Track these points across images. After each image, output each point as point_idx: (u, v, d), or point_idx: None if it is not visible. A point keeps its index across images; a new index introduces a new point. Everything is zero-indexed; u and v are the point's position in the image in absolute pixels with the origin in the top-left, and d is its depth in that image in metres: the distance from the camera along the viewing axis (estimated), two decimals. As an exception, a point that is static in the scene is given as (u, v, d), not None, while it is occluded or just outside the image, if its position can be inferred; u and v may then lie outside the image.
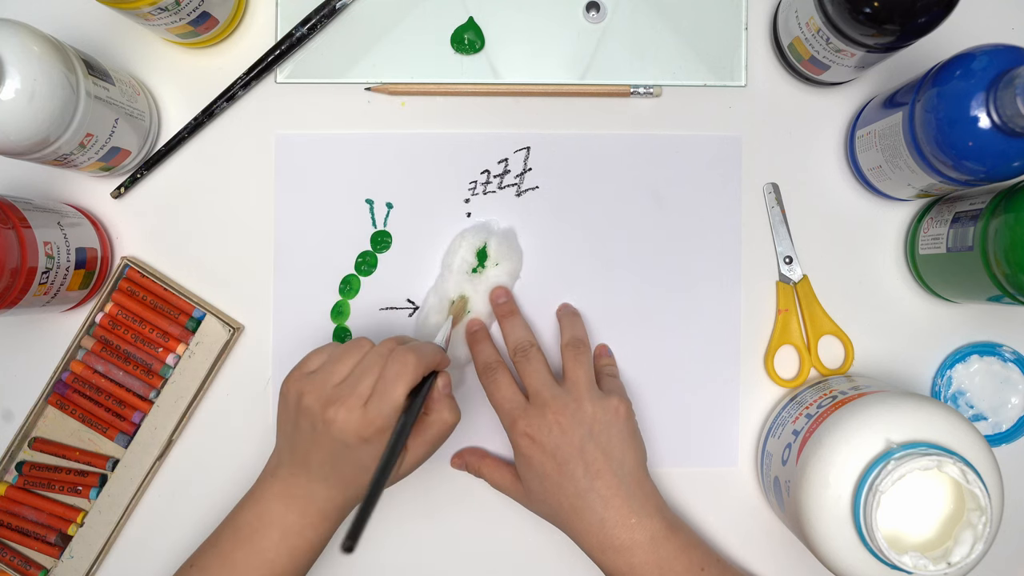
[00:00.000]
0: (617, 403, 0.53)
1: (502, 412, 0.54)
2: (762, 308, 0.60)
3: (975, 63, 0.46)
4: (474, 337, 0.58)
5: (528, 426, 0.52)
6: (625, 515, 0.51)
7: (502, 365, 0.55)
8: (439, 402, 0.50)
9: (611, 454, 0.51)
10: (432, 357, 0.49)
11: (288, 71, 0.60)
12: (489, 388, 0.55)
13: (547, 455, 0.51)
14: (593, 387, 0.54)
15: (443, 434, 0.50)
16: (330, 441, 0.47)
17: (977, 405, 0.59)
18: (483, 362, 0.56)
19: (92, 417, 0.58)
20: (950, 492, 0.46)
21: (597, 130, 0.60)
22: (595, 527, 0.51)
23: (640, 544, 0.50)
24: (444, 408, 0.50)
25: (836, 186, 0.60)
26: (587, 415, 0.52)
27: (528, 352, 0.55)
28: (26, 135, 0.47)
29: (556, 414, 0.52)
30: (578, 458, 0.51)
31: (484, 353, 0.56)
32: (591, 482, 0.51)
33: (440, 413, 0.50)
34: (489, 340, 0.57)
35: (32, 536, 0.58)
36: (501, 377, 0.55)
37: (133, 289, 0.58)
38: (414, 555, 0.59)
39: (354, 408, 0.46)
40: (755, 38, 0.60)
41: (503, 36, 0.60)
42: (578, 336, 0.56)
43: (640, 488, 0.52)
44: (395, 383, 0.46)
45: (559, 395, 0.53)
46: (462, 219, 0.60)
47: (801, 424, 0.52)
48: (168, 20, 0.52)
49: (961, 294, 0.56)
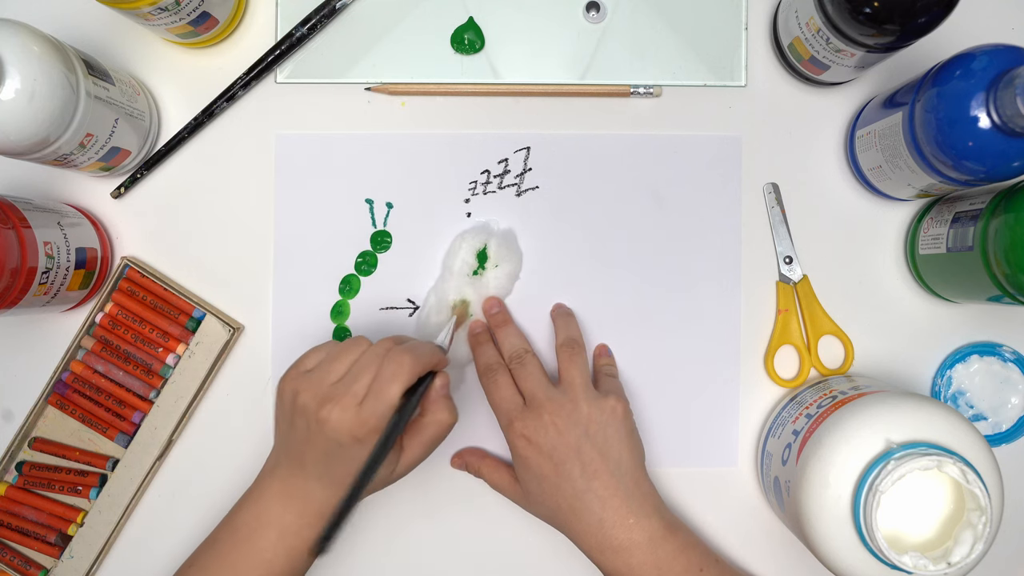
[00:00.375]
0: (614, 403, 0.53)
1: (500, 412, 0.54)
2: (762, 308, 0.60)
3: (975, 63, 0.46)
4: (476, 339, 0.58)
5: (524, 427, 0.52)
6: (623, 515, 0.51)
7: (503, 367, 0.55)
8: (436, 403, 0.50)
9: (608, 454, 0.51)
10: (429, 357, 0.49)
11: (288, 71, 0.60)
12: (488, 388, 0.55)
13: (544, 456, 0.51)
14: (589, 387, 0.54)
15: (440, 435, 0.50)
16: (324, 440, 0.47)
17: (977, 405, 0.59)
18: (484, 363, 0.56)
19: (92, 417, 0.58)
20: (950, 492, 0.46)
21: (597, 130, 0.60)
22: (593, 528, 0.51)
23: (638, 544, 0.50)
24: (441, 409, 0.50)
25: (836, 186, 0.60)
26: (583, 415, 0.52)
27: (523, 358, 0.55)
28: (26, 135, 0.47)
29: (552, 415, 0.52)
30: (575, 459, 0.51)
31: (486, 355, 0.56)
32: (588, 483, 0.51)
33: (436, 414, 0.50)
34: (491, 342, 0.57)
35: (32, 536, 0.58)
36: (501, 378, 0.55)
37: (133, 289, 0.58)
38: (414, 555, 0.59)
39: (348, 407, 0.46)
40: (755, 38, 0.60)
41: (503, 36, 0.60)
42: (572, 336, 0.56)
43: (638, 488, 0.52)
44: (390, 383, 0.46)
45: (555, 396, 0.53)
46: (462, 219, 0.60)
47: (801, 424, 0.52)
48: (168, 20, 0.52)
49: (961, 294, 0.56)
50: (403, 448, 0.50)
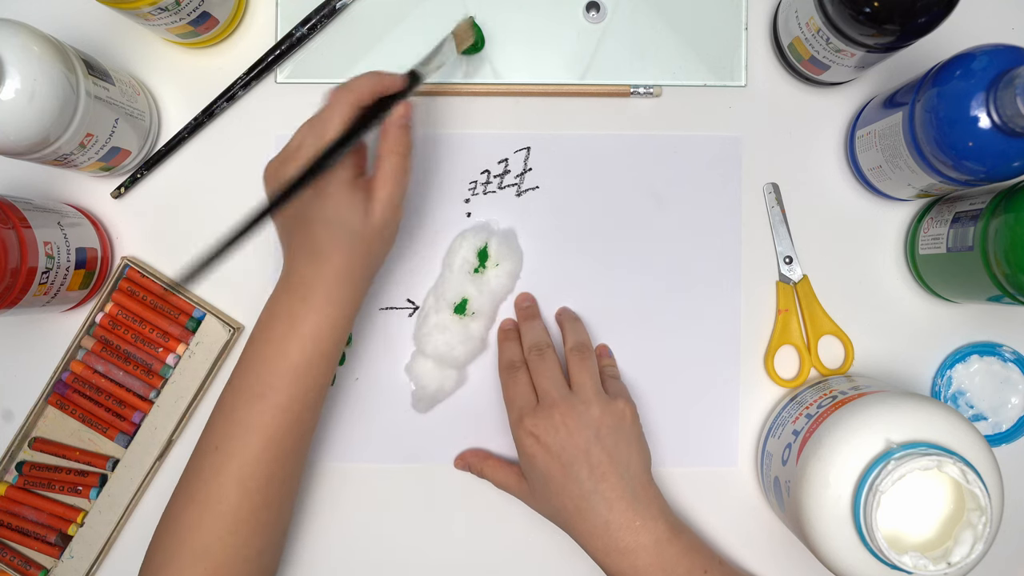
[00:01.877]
0: (623, 406, 0.53)
1: (511, 407, 0.54)
2: (762, 308, 0.60)
3: (975, 63, 0.46)
4: (505, 335, 0.58)
5: (535, 425, 0.52)
6: (630, 518, 0.51)
7: (524, 367, 0.56)
8: (387, 132, 0.49)
9: (616, 457, 0.52)
10: (366, 82, 0.47)
11: (288, 71, 0.60)
12: (507, 383, 0.55)
13: (552, 456, 0.51)
14: (600, 390, 0.54)
15: (397, 166, 0.49)
16: (293, 209, 0.46)
17: (977, 405, 0.59)
18: (508, 359, 0.56)
19: (92, 417, 0.58)
20: (950, 492, 0.46)
21: (597, 130, 0.60)
22: (599, 529, 0.51)
23: (644, 547, 0.50)
24: (392, 139, 0.49)
25: (836, 186, 0.60)
26: (594, 418, 0.52)
27: (544, 352, 0.55)
28: (26, 135, 0.47)
29: (564, 415, 0.52)
30: (583, 460, 0.51)
31: (510, 350, 0.57)
32: (596, 484, 0.51)
33: (388, 144, 0.49)
34: (518, 340, 0.58)
35: (32, 536, 0.58)
36: (521, 376, 0.55)
37: (133, 289, 0.58)
38: (415, 555, 0.59)
39: (299, 160, 0.45)
40: (755, 38, 0.60)
41: (503, 36, 0.59)
42: (582, 341, 0.57)
43: (645, 491, 0.52)
44: (327, 123, 0.46)
45: (568, 396, 0.53)
46: (462, 219, 0.60)
47: (801, 424, 0.52)
48: (168, 20, 0.52)
49: (961, 294, 0.56)
50: (371, 192, 0.49)
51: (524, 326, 0.58)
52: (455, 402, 0.60)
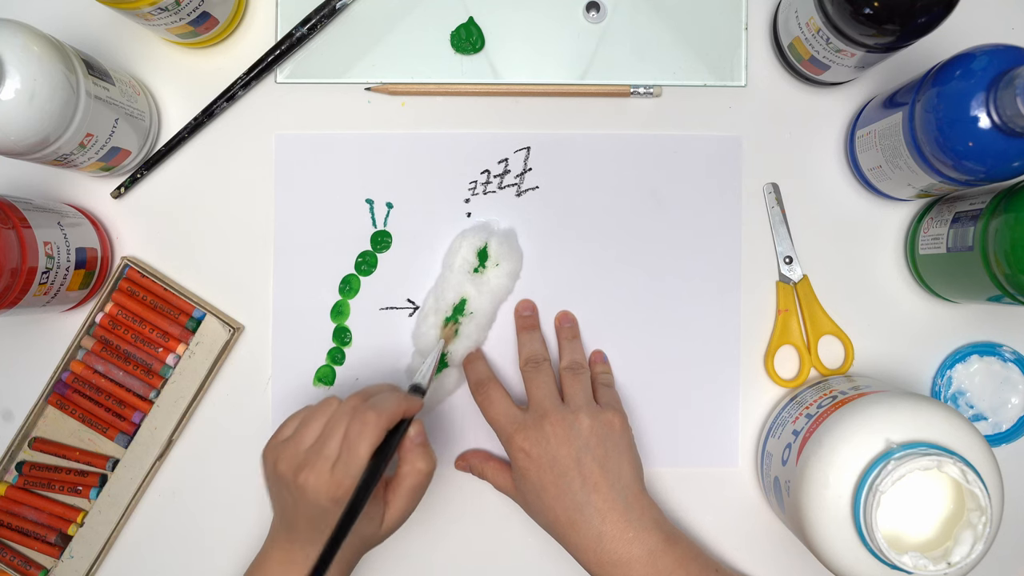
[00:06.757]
0: (611, 416, 0.53)
1: (498, 428, 0.54)
2: (762, 308, 0.60)
3: (975, 63, 0.46)
4: (468, 359, 0.58)
5: (525, 440, 0.52)
6: (623, 529, 0.51)
7: (494, 380, 0.56)
8: (411, 451, 0.50)
9: (608, 467, 0.52)
10: (395, 408, 0.48)
11: (288, 71, 0.60)
12: (483, 405, 0.55)
13: (544, 468, 0.52)
14: (590, 401, 0.54)
15: (420, 483, 0.50)
16: (307, 506, 0.47)
17: (977, 405, 0.59)
18: (476, 379, 0.56)
19: (92, 417, 0.58)
20: (950, 492, 0.46)
21: (597, 130, 0.60)
22: (593, 542, 0.51)
23: (638, 558, 0.50)
24: (417, 457, 0.50)
25: (836, 186, 0.60)
26: (584, 428, 0.52)
27: (540, 365, 0.56)
28: (26, 135, 0.47)
29: (554, 425, 0.52)
30: (575, 470, 0.51)
31: (477, 370, 0.57)
32: (588, 495, 0.51)
33: (413, 463, 0.50)
34: (483, 359, 0.58)
35: (32, 536, 0.58)
36: (494, 392, 0.55)
37: (133, 289, 0.58)
38: (415, 555, 0.59)
39: (323, 472, 0.46)
40: (755, 38, 0.60)
41: (503, 36, 0.60)
42: (577, 360, 0.57)
43: (637, 501, 0.52)
44: (358, 443, 0.46)
45: (559, 407, 0.53)
46: (462, 219, 0.60)
47: (801, 424, 0.52)
48: (168, 20, 0.52)
49: (961, 294, 0.56)
50: (387, 503, 0.50)
51: (523, 336, 0.58)
52: (455, 402, 0.60)
